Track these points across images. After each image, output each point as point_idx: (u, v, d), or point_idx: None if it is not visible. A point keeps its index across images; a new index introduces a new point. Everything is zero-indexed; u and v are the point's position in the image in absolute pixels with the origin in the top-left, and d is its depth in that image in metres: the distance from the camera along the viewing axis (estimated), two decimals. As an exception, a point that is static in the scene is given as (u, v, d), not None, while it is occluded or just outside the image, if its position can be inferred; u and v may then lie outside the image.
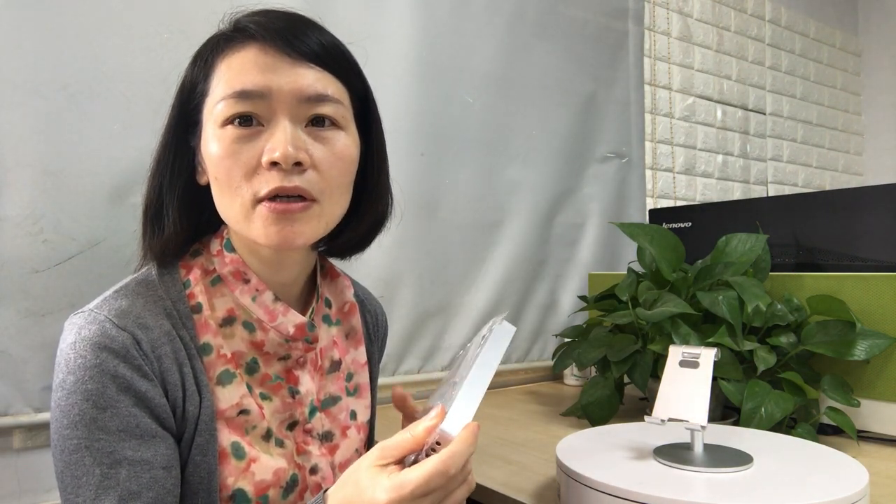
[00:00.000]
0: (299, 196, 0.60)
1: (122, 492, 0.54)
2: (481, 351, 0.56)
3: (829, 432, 0.98)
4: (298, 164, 0.59)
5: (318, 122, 0.62)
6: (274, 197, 0.59)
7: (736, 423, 0.93)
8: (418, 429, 0.52)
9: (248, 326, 0.65)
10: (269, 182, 0.58)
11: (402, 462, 0.53)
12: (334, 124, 0.63)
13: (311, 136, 0.61)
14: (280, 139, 0.58)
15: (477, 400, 0.53)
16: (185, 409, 0.60)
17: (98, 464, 0.54)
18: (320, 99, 0.61)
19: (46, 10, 0.95)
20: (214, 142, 0.60)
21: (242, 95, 0.59)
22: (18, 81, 0.92)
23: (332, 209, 0.64)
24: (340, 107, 0.63)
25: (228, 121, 0.59)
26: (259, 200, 0.59)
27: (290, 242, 0.60)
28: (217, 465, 0.60)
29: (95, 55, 0.98)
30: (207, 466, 0.60)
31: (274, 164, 0.58)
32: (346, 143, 0.63)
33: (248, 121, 0.59)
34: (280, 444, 0.65)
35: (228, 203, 0.61)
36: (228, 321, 0.65)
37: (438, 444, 0.52)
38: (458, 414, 0.52)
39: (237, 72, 0.60)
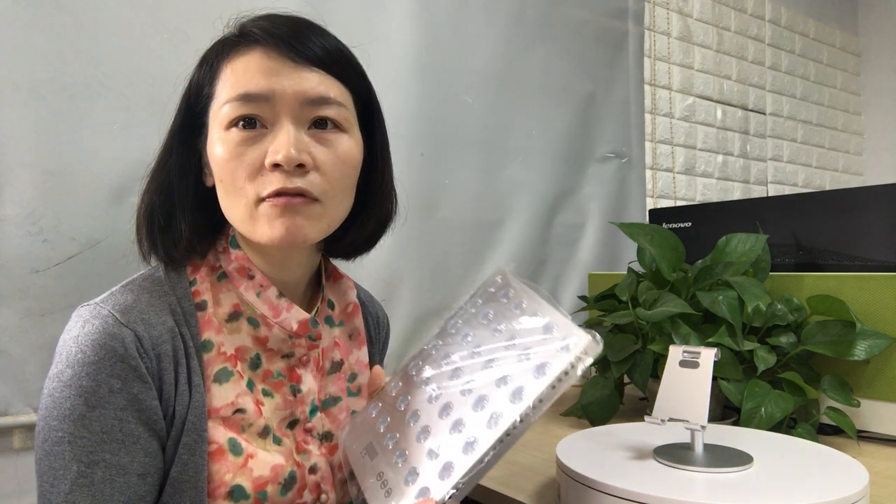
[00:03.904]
0: (300, 194, 0.60)
1: (96, 492, 0.55)
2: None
3: (829, 432, 0.98)
4: (301, 165, 0.60)
5: (320, 124, 0.63)
6: (275, 194, 0.60)
7: (736, 423, 0.93)
8: None
9: (253, 322, 0.66)
10: (271, 183, 0.60)
11: None
12: (337, 127, 0.64)
13: (313, 139, 0.62)
14: (283, 141, 0.59)
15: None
16: (175, 408, 0.60)
17: (76, 460, 0.55)
18: (322, 101, 0.62)
19: (46, 9, 0.95)
20: (219, 144, 0.61)
21: (246, 98, 0.60)
22: (18, 81, 0.92)
23: (335, 211, 0.65)
24: (343, 109, 0.64)
25: (233, 123, 0.61)
26: (261, 200, 0.60)
27: (293, 236, 0.60)
28: (205, 463, 0.60)
29: (95, 55, 0.98)
30: (195, 465, 0.60)
31: (276, 165, 0.59)
32: (348, 145, 0.64)
33: (251, 123, 0.61)
34: (278, 442, 0.65)
35: (233, 204, 0.62)
36: (234, 316, 0.65)
37: None
38: None
39: (241, 75, 0.61)
